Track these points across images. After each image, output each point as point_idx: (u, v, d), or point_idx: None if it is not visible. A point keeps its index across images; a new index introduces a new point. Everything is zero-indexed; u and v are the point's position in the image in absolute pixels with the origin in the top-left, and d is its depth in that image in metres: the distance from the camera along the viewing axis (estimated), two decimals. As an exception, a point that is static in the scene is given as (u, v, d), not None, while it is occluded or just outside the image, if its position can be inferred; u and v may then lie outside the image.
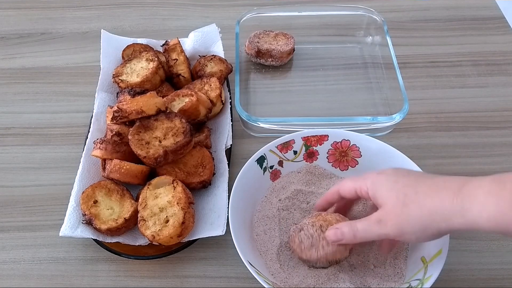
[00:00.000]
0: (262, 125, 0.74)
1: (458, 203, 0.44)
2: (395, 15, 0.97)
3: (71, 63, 0.88)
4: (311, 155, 0.69)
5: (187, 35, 0.86)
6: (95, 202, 0.64)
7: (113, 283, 0.62)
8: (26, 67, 0.88)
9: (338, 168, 0.69)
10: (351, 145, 0.67)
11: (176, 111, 0.71)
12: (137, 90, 0.73)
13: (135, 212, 0.63)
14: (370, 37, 0.90)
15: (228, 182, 0.67)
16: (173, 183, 0.64)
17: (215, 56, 0.82)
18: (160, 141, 0.66)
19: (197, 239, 0.63)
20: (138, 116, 0.67)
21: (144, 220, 0.62)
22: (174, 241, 0.61)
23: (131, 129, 0.67)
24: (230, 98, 0.79)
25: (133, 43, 0.83)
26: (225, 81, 0.81)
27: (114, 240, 0.63)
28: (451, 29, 0.94)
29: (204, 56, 0.82)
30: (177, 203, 0.61)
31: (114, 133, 0.68)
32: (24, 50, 0.91)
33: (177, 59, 0.79)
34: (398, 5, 0.99)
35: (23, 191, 0.71)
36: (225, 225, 0.62)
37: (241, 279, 0.62)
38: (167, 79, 0.80)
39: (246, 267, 0.62)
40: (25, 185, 0.72)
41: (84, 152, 0.70)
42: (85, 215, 0.63)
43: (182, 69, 0.79)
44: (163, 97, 0.72)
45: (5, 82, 0.86)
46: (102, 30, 0.84)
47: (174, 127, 0.67)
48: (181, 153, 0.66)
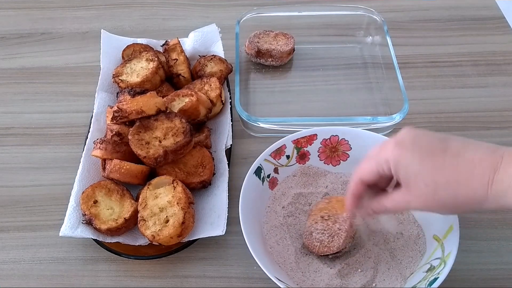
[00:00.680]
0: (262, 125, 0.74)
1: (492, 192, 0.44)
2: (395, 15, 0.97)
3: (71, 63, 0.89)
4: (303, 157, 0.69)
5: (187, 35, 0.86)
6: (95, 202, 0.64)
7: (113, 283, 0.62)
8: (26, 67, 0.88)
9: (330, 164, 0.70)
10: (340, 139, 0.68)
11: (176, 111, 0.71)
12: (137, 90, 0.73)
13: (135, 212, 0.63)
14: (370, 37, 0.90)
15: (228, 182, 0.67)
16: (173, 183, 0.64)
17: (215, 56, 0.82)
18: (160, 141, 0.66)
19: (197, 239, 0.63)
20: (138, 116, 0.67)
21: (144, 220, 0.62)
22: (174, 241, 0.61)
23: (131, 129, 0.67)
24: (230, 98, 0.79)
25: (133, 43, 0.83)
26: (225, 81, 0.81)
27: (114, 240, 0.63)
28: (451, 29, 0.94)
29: (204, 56, 0.82)
30: (177, 203, 0.61)
31: (114, 133, 0.68)
32: (24, 50, 0.91)
33: (177, 59, 0.79)
34: (398, 5, 0.99)
35: (23, 191, 0.71)
36: (225, 225, 0.62)
37: (241, 279, 0.62)
38: (167, 79, 0.80)
39: (246, 267, 0.63)
40: (25, 185, 0.72)
41: (84, 152, 0.70)
42: (85, 215, 0.63)
43: (182, 69, 0.79)
44: (163, 97, 0.72)
45: (5, 82, 0.86)
46: (102, 30, 0.84)
47: (174, 127, 0.67)
48: (181, 153, 0.66)
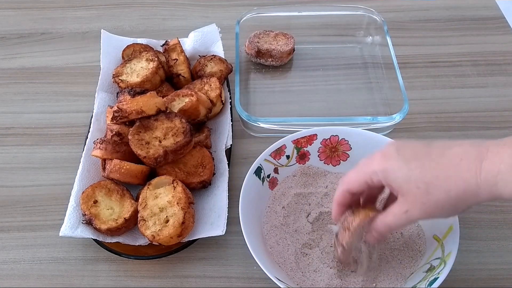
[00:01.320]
0: (262, 125, 0.74)
1: (482, 182, 0.45)
2: (395, 15, 0.97)
3: (71, 63, 0.89)
4: (303, 157, 0.69)
5: (187, 35, 0.86)
6: (95, 202, 0.64)
7: (113, 283, 0.62)
8: (26, 67, 0.88)
9: (330, 164, 0.70)
10: (340, 139, 0.68)
11: (176, 111, 0.71)
12: (137, 90, 0.73)
13: (135, 212, 0.63)
14: (370, 37, 0.90)
15: (228, 182, 0.67)
16: (173, 183, 0.64)
17: (215, 56, 0.82)
18: (160, 141, 0.66)
19: (197, 239, 0.63)
20: (138, 116, 0.67)
21: (144, 220, 0.62)
22: (174, 241, 0.61)
23: (131, 129, 0.67)
24: (230, 98, 0.79)
25: (133, 43, 0.83)
26: (225, 81, 0.81)
27: (114, 240, 0.63)
28: (451, 29, 0.94)
29: (204, 56, 0.82)
30: (177, 203, 0.61)
31: (114, 133, 0.68)
32: (24, 50, 0.91)
33: (177, 59, 0.79)
34: (398, 5, 0.99)
35: (23, 191, 0.71)
36: (225, 225, 0.62)
37: (241, 279, 0.62)
38: (167, 79, 0.80)
39: (246, 267, 0.63)
40: (25, 185, 0.72)
41: (84, 152, 0.70)
42: (85, 215, 0.63)
43: (182, 69, 0.79)
44: (163, 97, 0.72)
45: (5, 82, 0.86)
46: (102, 30, 0.84)
47: (174, 127, 0.67)
48: (181, 153, 0.66)
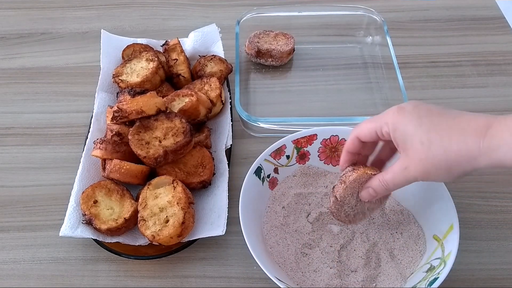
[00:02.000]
0: (262, 125, 0.74)
1: (484, 146, 0.44)
2: (395, 15, 0.97)
3: (71, 63, 0.89)
4: (303, 157, 0.69)
5: (187, 35, 0.86)
6: (95, 202, 0.64)
7: (113, 283, 0.62)
8: (26, 67, 0.88)
9: (330, 164, 0.70)
10: (340, 139, 0.68)
11: (176, 111, 0.71)
12: (137, 90, 0.73)
13: (135, 212, 0.63)
14: (370, 37, 0.90)
15: (228, 182, 0.67)
16: (173, 183, 0.64)
17: (215, 56, 0.82)
18: (160, 141, 0.66)
19: (197, 239, 0.63)
20: (138, 116, 0.67)
21: (144, 220, 0.62)
22: (174, 241, 0.61)
23: (131, 129, 0.67)
24: (230, 98, 0.79)
25: (133, 43, 0.83)
26: (225, 81, 0.81)
27: (114, 240, 0.63)
28: (451, 29, 0.94)
29: (204, 56, 0.82)
30: (177, 203, 0.61)
31: (114, 133, 0.68)
32: (24, 50, 0.91)
33: (177, 59, 0.79)
34: (398, 5, 0.99)
35: (23, 191, 0.71)
36: (225, 225, 0.62)
37: (241, 279, 0.62)
38: (167, 79, 0.80)
39: (246, 267, 0.63)
40: (25, 185, 0.72)
41: (84, 152, 0.70)
42: (85, 215, 0.63)
43: (182, 69, 0.79)
44: (163, 97, 0.72)
45: (5, 82, 0.86)
46: (102, 30, 0.84)
47: (174, 127, 0.67)
48: (181, 153, 0.66)
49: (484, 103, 0.81)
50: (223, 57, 0.82)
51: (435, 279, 0.54)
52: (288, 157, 0.68)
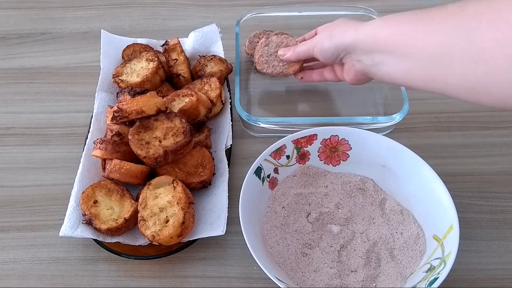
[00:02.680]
0: (262, 125, 0.74)
1: (356, 27, 0.62)
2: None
3: (71, 63, 0.88)
4: (303, 157, 0.69)
5: (187, 35, 0.86)
6: (95, 202, 0.64)
7: (113, 283, 0.62)
8: (26, 67, 0.88)
9: (330, 164, 0.70)
10: (340, 139, 0.68)
11: (176, 111, 0.71)
12: (137, 90, 0.73)
13: (135, 212, 0.63)
14: (370, 37, 0.90)
15: (228, 182, 0.67)
16: (173, 183, 0.64)
17: (215, 56, 0.82)
18: (160, 141, 0.66)
19: (197, 239, 0.63)
20: (138, 116, 0.67)
21: (144, 220, 0.62)
22: (174, 241, 0.61)
23: (131, 129, 0.67)
24: (230, 98, 0.79)
25: (133, 43, 0.83)
26: (225, 81, 0.81)
27: (114, 240, 0.63)
28: (451, 29, 0.94)
29: (204, 56, 0.82)
30: (177, 203, 0.61)
31: (114, 133, 0.68)
32: (24, 50, 0.91)
33: (177, 59, 0.79)
34: (398, 5, 0.99)
35: (23, 191, 0.71)
36: (225, 225, 0.62)
37: (241, 279, 0.62)
38: (167, 79, 0.80)
39: (246, 267, 0.63)
40: (25, 185, 0.72)
41: (84, 152, 0.70)
42: (85, 215, 0.63)
43: (182, 69, 0.79)
44: (163, 97, 0.72)
45: (5, 82, 0.86)
46: (102, 30, 0.84)
47: (174, 127, 0.67)
48: (181, 153, 0.66)
49: (484, 103, 0.81)
50: (223, 57, 0.82)
51: (435, 279, 0.54)
52: (288, 157, 0.68)
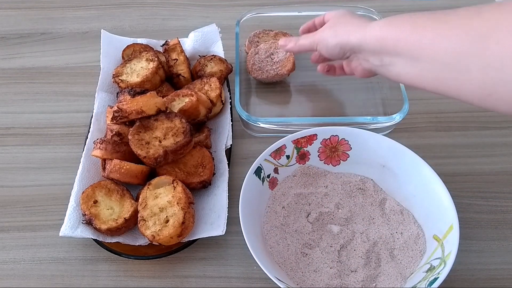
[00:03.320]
0: (262, 125, 0.74)
1: (362, 27, 0.61)
2: (395, 15, 0.96)
3: (71, 63, 0.88)
4: (303, 157, 0.69)
5: (187, 35, 0.86)
6: (95, 202, 0.64)
7: (113, 283, 0.62)
8: (26, 67, 0.88)
9: (330, 164, 0.70)
10: (340, 139, 0.68)
11: (176, 111, 0.71)
12: (137, 90, 0.73)
13: (135, 212, 0.63)
14: (370, 37, 0.90)
15: (228, 182, 0.67)
16: (173, 183, 0.64)
17: (215, 56, 0.82)
18: (160, 141, 0.66)
19: (197, 239, 0.63)
20: (138, 116, 0.67)
21: (144, 220, 0.62)
22: (174, 241, 0.61)
23: (131, 129, 0.67)
24: (230, 98, 0.79)
25: (133, 43, 0.83)
26: (225, 81, 0.81)
27: (114, 240, 0.63)
28: (451, 29, 0.94)
29: (204, 56, 0.82)
30: (177, 203, 0.61)
31: (114, 133, 0.68)
32: (24, 50, 0.91)
33: (177, 59, 0.79)
34: (398, 5, 0.99)
35: (23, 191, 0.71)
36: (225, 225, 0.62)
37: (241, 279, 0.62)
38: (167, 79, 0.80)
39: (246, 267, 0.63)
40: (25, 185, 0.72)
41: (84, 152, 0.70)
42: (85, 215, 0.63)
43: (182, 69, 0.79)
44: (163, 97, 0.72)
45: (5, 82, 0.86)
46: (102, 30, 0.84)
47: (174, 127, 0.67)
48: (181, 153, 0.66)
49: (484, 103, 0.81)
50: (223, 57, 0.82)
51: (435, 279, 0.54)
52: (288, 157, 0.68)
